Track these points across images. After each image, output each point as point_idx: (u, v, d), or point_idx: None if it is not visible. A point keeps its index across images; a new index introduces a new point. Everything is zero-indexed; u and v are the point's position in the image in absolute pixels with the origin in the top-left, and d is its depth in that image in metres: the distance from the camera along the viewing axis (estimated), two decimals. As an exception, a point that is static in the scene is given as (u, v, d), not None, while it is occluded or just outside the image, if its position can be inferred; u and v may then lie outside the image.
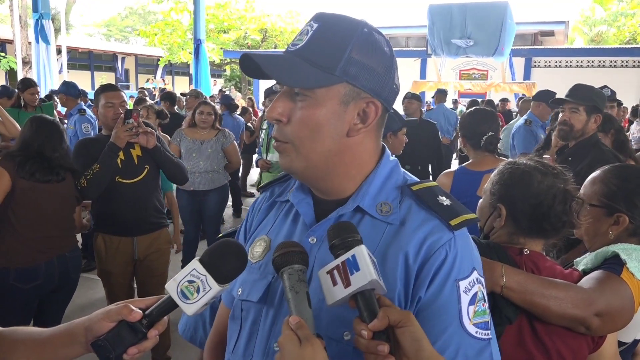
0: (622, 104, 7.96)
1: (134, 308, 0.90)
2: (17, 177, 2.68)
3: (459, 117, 8.44)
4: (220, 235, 1.59)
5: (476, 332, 0.88)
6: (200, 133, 4.66)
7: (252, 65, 0.92)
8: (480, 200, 1.57)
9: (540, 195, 1.38)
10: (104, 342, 0.88)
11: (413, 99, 5.69)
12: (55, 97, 6.54)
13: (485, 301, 0.93)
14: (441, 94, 8.52)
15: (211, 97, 10.10)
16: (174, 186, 5.62)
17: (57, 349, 0.96)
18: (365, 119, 0.93)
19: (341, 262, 0.79)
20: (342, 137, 0.93)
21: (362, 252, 0.79)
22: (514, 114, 10.34)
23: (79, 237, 4.16)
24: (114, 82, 24.59)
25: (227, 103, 7.46)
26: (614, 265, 1.42)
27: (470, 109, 2.89)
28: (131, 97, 14.65)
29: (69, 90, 5.54)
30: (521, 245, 1.43)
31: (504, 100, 11.55)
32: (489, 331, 0.91)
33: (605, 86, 4.68)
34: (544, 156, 2.67)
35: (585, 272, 1.46)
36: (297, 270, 0.83)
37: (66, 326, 0.97)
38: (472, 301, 0.89)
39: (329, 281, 0.80)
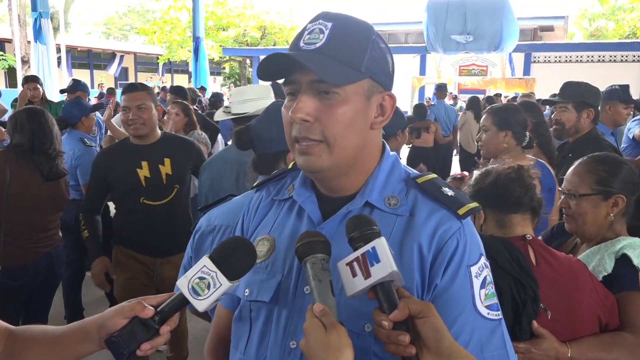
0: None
1: (147, 305, 0.91)
2: (15, 174, 2.70)
3: (459, 113, 8.47)
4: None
5: (488, 313, 0.93)
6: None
7: (274, 64, 0.92)
8: None
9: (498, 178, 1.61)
10: (118, 339, 0.89)
11: None
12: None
13: (492, 284, 0.97)
14: (441, 90, 8.47)
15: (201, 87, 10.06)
16: None
17: (71, 346, 0.97)
18: (384, 112, 0.98)
19: (361, 254, 0.81)
20: (367, 131, 0.97)
21: (382, 244, 0.81)
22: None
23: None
24: (113, 81, 24.19)
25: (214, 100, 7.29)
26: (629, 278, 1.52)
27: (504, 105, 2.83)
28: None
29: (87, 89, 5.52)
30: (509, 227, 1.55)
31: (498, 95, 11.56)
32: (499, 312, 0.96)
33: (626, 85, 4.25)
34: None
35: (605, 278, 1.55)
36: (321, 260, 0.85)
37: (79, 323, 0.99)
38: (483, 285, 0.94)
39: (348, 273, 0.82)
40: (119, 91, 16.98)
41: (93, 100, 11.73)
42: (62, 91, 5.66)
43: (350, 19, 0.95)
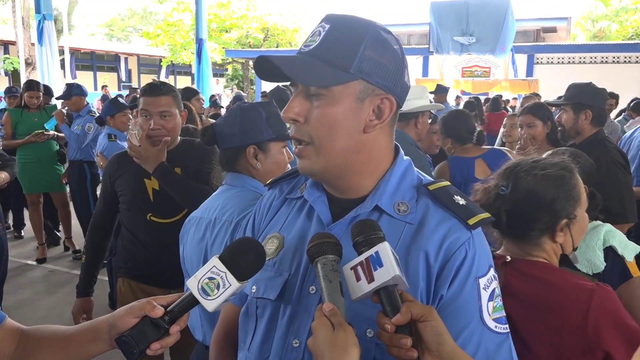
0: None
1: (157, 304, 0.92)
2: None
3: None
4: None
5: (496, 326, 0.92)
6: None
7: (266, 67, 0.94)
8: None
9: None
10: (128, 338, 0.90)
11: None
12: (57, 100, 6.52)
13: (501, 297, 0.96)
14: (443, 93, 8.37)
15: (213, 96, 10.09)
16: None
17: (82, 345, 0.98)
18: (381, 115, 0.95)
19: (365, 258, 0.82)
20: (359, 134, 0.94)
21: (385, 249, 0.81)
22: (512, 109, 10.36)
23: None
24: (116, 83, 24.23)
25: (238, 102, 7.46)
26: (620, 268, 1.61)
27: (452, 112, 3.35)
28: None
29: (83, 91, 5.58)
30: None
31: (499, 97, 11.55)
32: (506, 325, 0.94)
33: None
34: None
35: (604, 272, 1.60)
36: (331, 260, 0.86)
37: (90, 323, 1.00)
38: (491, 297, 0.93)
39: (352, 277, 0.83)
40: (123, 92, 16.92)
41: (96, 104, 11.75)
42: (57, 98, 5.70)
43: (350, 21, 0.94)
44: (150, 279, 2.29)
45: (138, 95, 2.36)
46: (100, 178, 4.32)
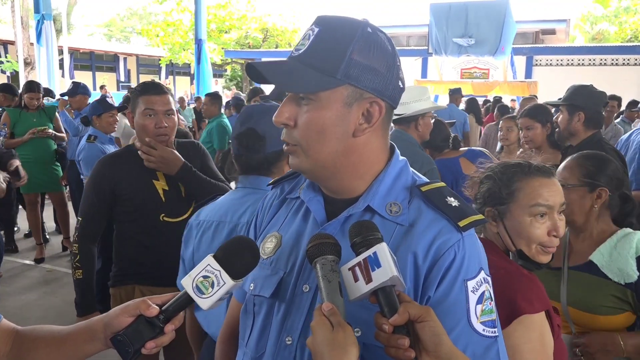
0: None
1: (151, 303, 0.93)
2: None
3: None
4: None
5: (483, 330, 0.91)
6: None
7: (257, 72, 0.95)
8: None
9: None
10: (123, 337, 0.91)
11: None
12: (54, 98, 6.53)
13: (492, 300, 0.95)
14: (454, 94, 8.35)
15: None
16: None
17: (77, 345, 0.98)
18: (370, 119, 0.95)
19: (363, 259, 0.82)
20: (348, 138, 0.95)
21: (383, 250, 0.82)
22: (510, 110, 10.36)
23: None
24: (114, 84, 24.14)
25: (236, 104, 7.45)
26: None
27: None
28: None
29: (88, 92, 5.57)
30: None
31: (498, 99, 11.58)
32: (495, 329, 0.94)
33: None
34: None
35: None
36: (330, 261, 0.86)
37: (85, 323, 1.00)
38: (480, 300, 0.92)
39: (350, 277, 0.83)
40: (120, 93, 16.86)
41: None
42: (62, 94, 5.72)
43: (339, 23, 0.93)
44: (162, 280, 2.21)
45: (132, 95, 2.28)
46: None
